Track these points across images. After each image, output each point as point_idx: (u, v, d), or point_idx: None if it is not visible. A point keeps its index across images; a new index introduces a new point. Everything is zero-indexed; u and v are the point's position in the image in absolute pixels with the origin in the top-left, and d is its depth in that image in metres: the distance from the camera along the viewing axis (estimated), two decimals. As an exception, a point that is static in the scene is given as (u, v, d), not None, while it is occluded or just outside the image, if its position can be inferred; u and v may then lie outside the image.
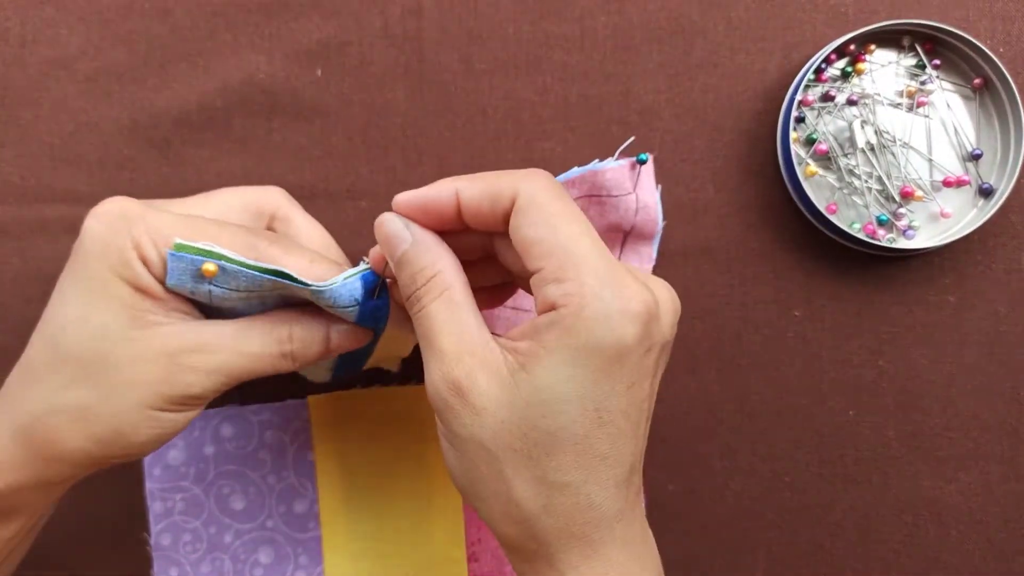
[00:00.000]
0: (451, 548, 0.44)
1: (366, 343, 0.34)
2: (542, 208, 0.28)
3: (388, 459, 0.44)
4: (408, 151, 0.45)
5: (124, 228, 0.30)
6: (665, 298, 0.30)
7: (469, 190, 0.29)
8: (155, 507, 0.42)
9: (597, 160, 0.35)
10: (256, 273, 0.30)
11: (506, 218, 0.29)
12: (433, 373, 0.29)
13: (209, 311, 0.33)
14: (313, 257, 0.32)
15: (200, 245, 0.30)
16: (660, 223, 0.39)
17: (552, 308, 0.27)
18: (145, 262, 0.30)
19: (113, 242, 0.30)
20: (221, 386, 0.32)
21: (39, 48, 0.45)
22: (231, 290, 0.31)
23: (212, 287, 0.30)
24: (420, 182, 0.44)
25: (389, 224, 0.30)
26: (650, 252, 0.39)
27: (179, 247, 0.30)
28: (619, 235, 0.39)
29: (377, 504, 0.44)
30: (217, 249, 0.30)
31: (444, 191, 0.30)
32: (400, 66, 0.45)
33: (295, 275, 0.30)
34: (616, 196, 0.36)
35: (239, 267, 0.30)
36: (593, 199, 0.36)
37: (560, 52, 0.45)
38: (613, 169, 0.35)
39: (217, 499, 0.43)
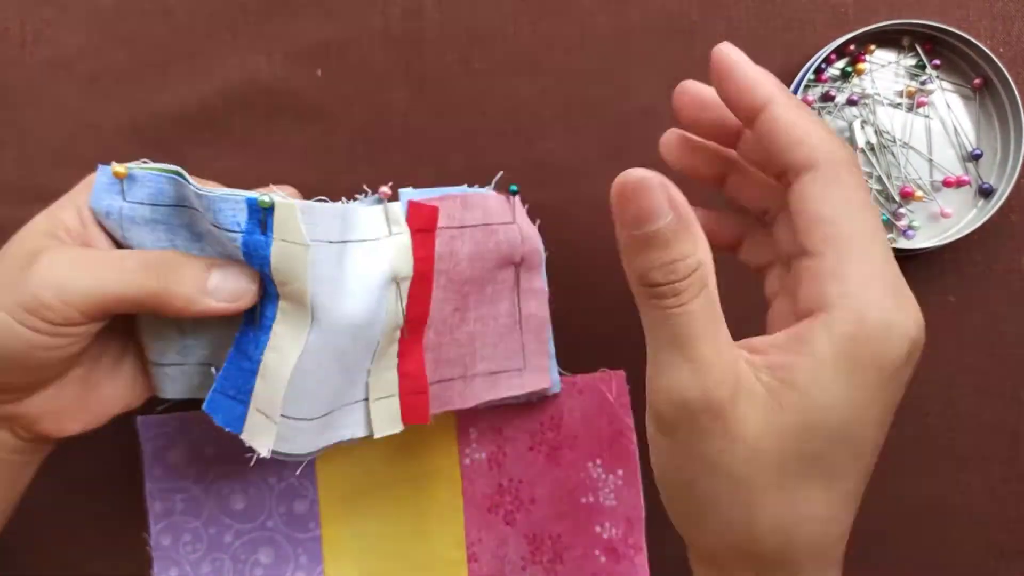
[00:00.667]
0: (451, 548, 0.43)
1: (246, 300, 0.33)
2: (844, 186, 0.24)
3: (388, 459, 0.44)
4: (408, 151, 0.45)
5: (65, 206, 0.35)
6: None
7: (785, 112, 0.25)
8: (155, 507, 0.42)
9: (466, 186, 0.34)
10: (154, 174, 0.33)
11: (779, 175, 0.26)
12: (684, 382, 0.24)
13: None
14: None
15: (119, 167, 0.33)
16: (543, 253, 0.39)
17: (817, 307, 0.24)
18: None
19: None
20: (83, 305, 0.30)
21: (39, 48, 0.45)
22: (138, 204, 0.33)
23: (124, 203, 0.33)
24: (420, 182, 0.44)
25: (648, 186, 0.24)
26: (542, 284, 0.39)
27: (102, 171, 0.34)
28: (511, 268, 0.38)
29: (377, 504, 0.44)
30: (130, 166, 0.33)
31: (761, 90, 0.26)
32: (400, 66, 0.45)
33: (184, 173, 0.32)
34: (500, 224, 0.35)
35: (144, 171, 0.33)
36: (479, 227, 0.35)
37: (560, 52, 0.45)
38: (495, 196, 0.34)
39: (217, 499, 0.43)
